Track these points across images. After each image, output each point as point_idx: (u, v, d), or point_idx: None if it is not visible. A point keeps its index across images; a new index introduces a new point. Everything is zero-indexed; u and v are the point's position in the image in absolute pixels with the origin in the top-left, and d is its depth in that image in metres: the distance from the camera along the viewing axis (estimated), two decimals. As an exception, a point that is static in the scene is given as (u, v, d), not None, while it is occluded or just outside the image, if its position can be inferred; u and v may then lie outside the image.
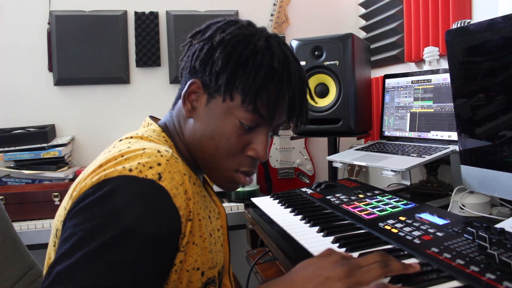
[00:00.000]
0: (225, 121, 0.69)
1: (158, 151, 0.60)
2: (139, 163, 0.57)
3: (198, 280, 0.67)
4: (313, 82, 1.61)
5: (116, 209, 0.53)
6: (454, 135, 1.28)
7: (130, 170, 0.56)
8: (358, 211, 1.00)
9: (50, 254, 0.67)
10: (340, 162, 1.45)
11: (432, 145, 1.32)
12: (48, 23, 1.99)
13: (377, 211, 0.98)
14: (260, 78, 0.66)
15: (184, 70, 0.74)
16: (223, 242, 0.81)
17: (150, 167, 0.57)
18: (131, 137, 0.69)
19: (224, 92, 0.67)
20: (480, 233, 0.72)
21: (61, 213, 0.63)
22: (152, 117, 0.79)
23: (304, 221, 0.98)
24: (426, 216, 0.90)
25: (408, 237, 0.79)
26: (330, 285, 0.54)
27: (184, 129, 0.74)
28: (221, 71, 0.67)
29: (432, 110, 1.38)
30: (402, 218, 0.90)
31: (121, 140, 0.69)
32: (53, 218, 0.70)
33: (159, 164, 0.58)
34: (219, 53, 0.67)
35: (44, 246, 0.70)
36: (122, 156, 0.59)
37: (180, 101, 0.74)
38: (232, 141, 0.69)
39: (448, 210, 1.11)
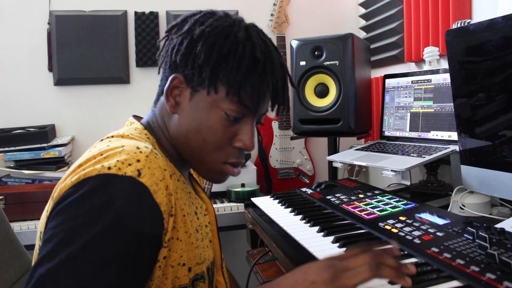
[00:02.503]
0: (210, 114, 0.68)
1: (137, 148, 0.60)
2: (117, 160, 0.57)
3: (185, 276, 0.67)
4: (313, 82, 1.61)
5: (96, 208, 0.53)
6: (454, 135, 1.28)
7: (109, 168, 0.56)
8: (358, 211, 0.99)
9: (36, 257, 0.66)
10: (340, 162, 1.45)
11: (432, 145, 1.32)
12: (48, 23, 1.99)
13: (377, 211, 0.98)
14: (243, 69, 0.66)
15: (163, 65, 0.74)
16: (212, 238, 0.81)
17: (129, 164, 0.57)
18: (112, 136, 0.69)
19: (208, 85, 0.67)
20: (480, 233, 0.72)
21: (44, 216, 0.62)
22: (135, 116, 0.79)
23: (304, 221, 0.98)
24: (426, 216, 0.90)
25: (408, 237, 0.79)
26: None
27: (168, 125, 0.73)
28: (204, 64, 0.66)
29: (432, 110, 1.38)
30: (402, 218, 0.90)
31: (102, 140, 0.68)
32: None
33: (138, 161, 0.58)
34: (200, 47, 0.66)
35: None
36: (101, 154, 0.59)
37: (162, 98, 0.74)
38: (219, 133, 0.69)
39: (448, 210, 1.11)
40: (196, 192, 0.81)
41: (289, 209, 1.09)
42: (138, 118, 0.79)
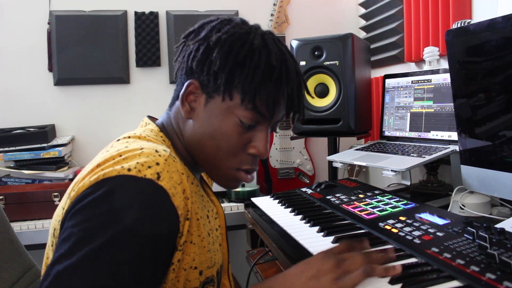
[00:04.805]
0: (225, 120, 0.69)
1: (156, 151, 0.60)
2: (137, 162, 0.57)
3: (196, 279, 0.67)
4: (313, 82, 1.61)
5: (115, 209, 0.53)
6: (454, 135, 1.28)
7: (129, 169, 0.56)
8: (358, 211, 0.99)
9: (48, 254, 0.67)
10: (340, 162, 1.45)
11: (432, 145, 1.32)
12: (48, 23, 1.99)
13: (377, 211, 0.98)
14: (258, 76, 0.66)
15: (179, 71, 0.74)
16: (221, 242, 0.81)
17: (149, 167, 0.57)
18: (129, 137, 0.69)
19: (223, 91, 0.67)
20: (480, 233, 0.72)
21: (59, 212, 0.63)
22: (150, 117, 0.79)
23: (304, 221, 0.98)
24: (426, 216, 0.90)
25: (408, 237, 0.79)
26: (321, 275, 0.59)
27: (183, 130, 0.74)
28: (219, 71, 0.67)
29: (432, 110, 1.38)
30: (402, 218, 0.90)
31: (118, 140, 0.68)
32: (52, 218, 0.70)
33: (157, 164, 0.58)
34: (216, 53, 0.67)
35: (44, 246, 0.70)
36: (120, 155, 0.59)
37: (177, 102, 0.74)
38: (233, 140, 0.69)
39: (448, 210, 1.11)
40: (207, 195, 0.81)
41: (289, 209, 1.09)
42: (152, 119, 0.80)
